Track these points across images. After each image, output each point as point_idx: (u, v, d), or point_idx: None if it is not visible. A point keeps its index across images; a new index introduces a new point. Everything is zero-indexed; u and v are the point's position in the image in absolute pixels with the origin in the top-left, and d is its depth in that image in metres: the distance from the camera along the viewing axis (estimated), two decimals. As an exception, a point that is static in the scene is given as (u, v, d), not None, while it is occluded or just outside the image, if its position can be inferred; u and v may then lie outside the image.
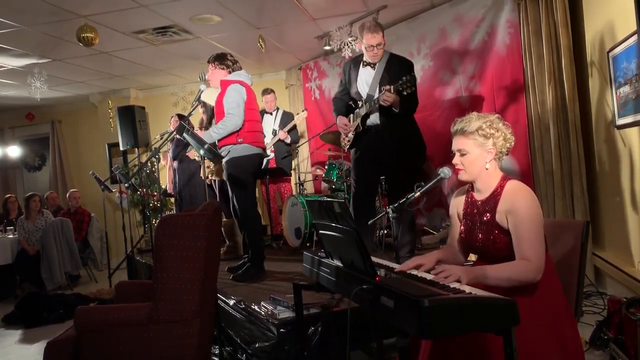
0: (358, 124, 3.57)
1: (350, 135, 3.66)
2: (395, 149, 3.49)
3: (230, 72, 3.83)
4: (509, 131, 1.91)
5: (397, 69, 3.44)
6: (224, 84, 3.75)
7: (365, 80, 3.56)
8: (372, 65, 3.53)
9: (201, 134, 3.77)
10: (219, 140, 3.75)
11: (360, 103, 3.57)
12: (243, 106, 3.68)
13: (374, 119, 3.53)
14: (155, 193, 6.96)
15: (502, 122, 1.91)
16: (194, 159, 5.46)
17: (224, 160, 3.80)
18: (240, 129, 3.69)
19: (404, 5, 5.01)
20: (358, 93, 3.60)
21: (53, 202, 7.17)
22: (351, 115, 3.67)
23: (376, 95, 3.43)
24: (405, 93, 3.24)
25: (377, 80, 3.49)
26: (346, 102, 3.75)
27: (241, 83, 3.76)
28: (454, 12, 4.89)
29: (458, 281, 1.67)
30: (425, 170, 4.87)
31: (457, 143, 1.92)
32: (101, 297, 5.04)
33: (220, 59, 3.83)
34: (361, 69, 3.58)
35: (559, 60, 4.08)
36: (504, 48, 4.47)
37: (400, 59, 3.58)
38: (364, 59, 3.56)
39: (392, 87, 3.26)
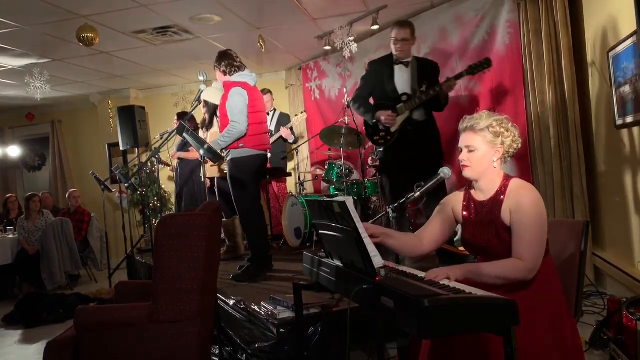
0: (408, 115, 3.79)
1: (394, 129, 3.83)
2: (433, 143, 3.85)
3: (226, 74, 3.78)
4: (517, 133, 1.91)
5: (428, 67, 3.87)
6: (227, 86, 3.73)
7: (402, 77, 3.81)
8: (405, 64, 3.80)
9: (210, 142, 3.78)
10: None
11: (405, 97, 3.78)
12: (246, 111, 3.66)
13: (420, 115, 3.80)
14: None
15: (511, 124, 1.91)
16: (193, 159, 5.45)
17: (227, 161, 3.80)
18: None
19: (404, 5, 5.00)
20: (395, 90, 3.80)
21: (47, 203, 7.08)
22: (395, 109, 3.83)
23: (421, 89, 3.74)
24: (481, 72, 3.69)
25: (415, 76, 3.78)
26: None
27: (243, 85, 3.71)
28: (454, 12, 4.88)
29: (447, 278, 1.68)
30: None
31: (466, 139, 1.91)
32: (101, 297, 5.03)
33: (219, 60, 3.79)
34: (395, 67, 3.82)
35: (559, 60, 4.08)
36: (503, 48, 4.46)
37: (427, 60, 4.04)
38: (395, 57, 3.82)
39: (464, 72, 3.66)
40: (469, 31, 4.75)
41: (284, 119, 5.87)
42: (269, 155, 5.70)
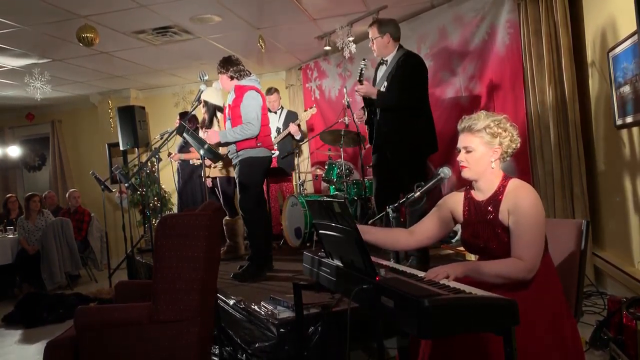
0: (365, 115, 3.79)
1: (367, 129, 3.86)
2: (395, 145, 3.55)
3: (235, 79, 3.84)
4: (515, 132, 1.91)
5: (402, 64, 3.56)
6: (240, 90, 3.80)
7: (380, 76, 3.75)
8: (386, 62, 3.72)
9: (217, 133, 3.84)
10: (237, 143, 3.78)
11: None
12: (261, 115, 3.77)
13: (378, 115, 3.71)
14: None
15: (509, 123, 1.91)
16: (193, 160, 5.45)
17: (237, 160, 3.83)
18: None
19: (404, 5, 5.00)
20: None
21: (51, 202, 7.16)
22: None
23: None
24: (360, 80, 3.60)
25: (386, 75, 3.65)
26: None
27: (257, 90, 3.83)
28: (453, 13, 4.88)
29: (447, 277, 1.68)
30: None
31: (464, 140, 1.92)
32: (101, 297, 5.03)
33: (226, 66, 3.85)
34: (380, 67, 3.79)
35: (559, 60, 4.08)
36: (503, 48, 4.46)
37: (409, 55, 3.65)
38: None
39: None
40: (469, 31, 4.75)
41: (291, 117, 5.88)
42: (276, 153, 5.75)
